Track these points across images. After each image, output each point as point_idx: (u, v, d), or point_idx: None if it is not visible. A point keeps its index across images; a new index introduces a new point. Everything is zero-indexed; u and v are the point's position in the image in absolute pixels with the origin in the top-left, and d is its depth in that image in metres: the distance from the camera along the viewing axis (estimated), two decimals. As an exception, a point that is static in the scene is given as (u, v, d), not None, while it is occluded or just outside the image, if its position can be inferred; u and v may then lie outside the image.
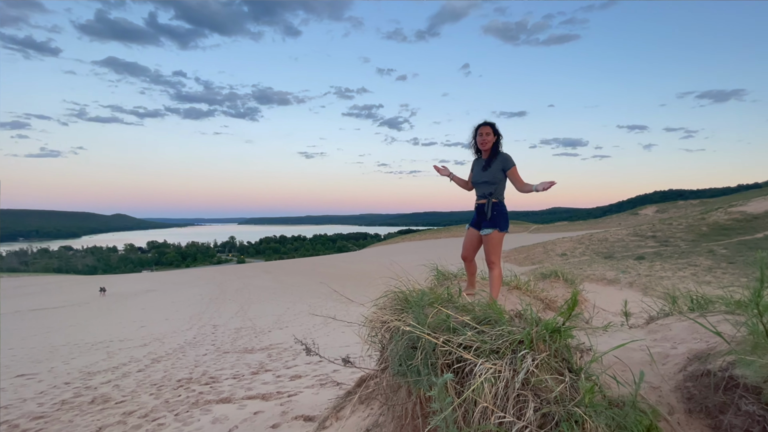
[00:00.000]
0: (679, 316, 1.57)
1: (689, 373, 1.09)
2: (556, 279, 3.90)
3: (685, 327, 1.44)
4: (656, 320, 1.70)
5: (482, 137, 3.09)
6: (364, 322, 1.86)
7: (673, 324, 1.52)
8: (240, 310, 18.69)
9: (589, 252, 35.16)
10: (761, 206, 39.16)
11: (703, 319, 1.33)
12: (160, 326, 14.98)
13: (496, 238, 2.96)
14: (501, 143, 3.15)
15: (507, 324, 1.40)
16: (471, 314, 1.51)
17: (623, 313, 2.07)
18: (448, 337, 1.39)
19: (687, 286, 20.28)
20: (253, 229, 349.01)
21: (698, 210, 52.62)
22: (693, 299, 1.77)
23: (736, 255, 25.10)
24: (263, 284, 31.54)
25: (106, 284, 34.83)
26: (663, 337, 1.43)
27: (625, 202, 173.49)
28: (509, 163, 3.01)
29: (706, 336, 1.26)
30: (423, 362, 1.39)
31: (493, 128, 3.13)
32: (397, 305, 1.83)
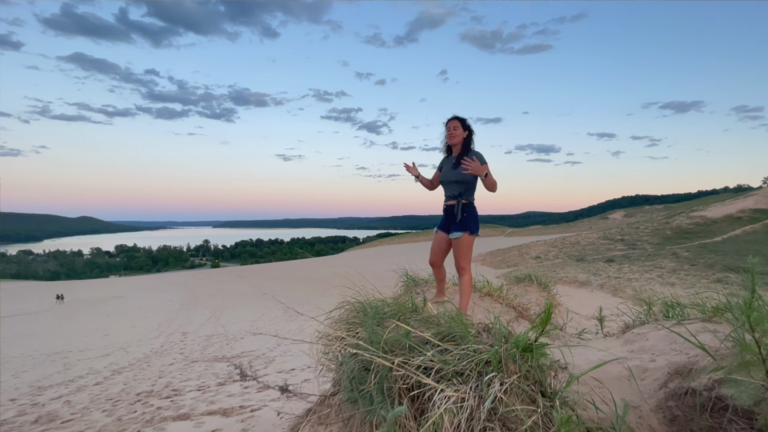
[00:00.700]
0: (656, 325, 1.51)
1: (671, 391, 1.00)
2: (530, 283, 3.87)
3: (663, 337, 1.37)
4: (632, 329, 1.63)
5: (449, 131, 2.91)
6: (316, 338, 1.68)
7: (650, 333, 1.45)
8: (212, 317, 18.07)
9: (562, 255, 36.11)
10: (719, 211, 41.39)
11: (681, 327, 1.26)
12: (125, 334, 14.26)
13: (466, 242, 2.77)
14: (473, 141, 2.95)
15: (473, 341, 1.23)
16: (435, 328, 1.35)
17: (598, 319, 2.02)
18: (406, 359, 1.21)
19: (653, 287, 21.08)
20: (228, 233, 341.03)
21: (663, 215, 55.11)
22: (668, 305, 1.72)
23: (697, 257, 26.34)
24: (237, 289, 30.70)
25: (69, 290, 33.03)
26: (640, 348, 1.36)
27: (595, 206, 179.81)
28: (482, 159, 2.80)
29: (685, 347, 1.19)
30: (377, 387, 1.21)
31: (463, 123, 2.93)
32: (354, 318, 1.66)
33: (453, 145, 2.95)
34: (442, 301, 2.82)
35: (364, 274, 2.74)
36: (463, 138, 2.91)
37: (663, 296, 9.18)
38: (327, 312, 1.83)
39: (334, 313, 1.80)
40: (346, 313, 1.76)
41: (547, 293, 3.65)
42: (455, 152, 2.95)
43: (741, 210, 40.24)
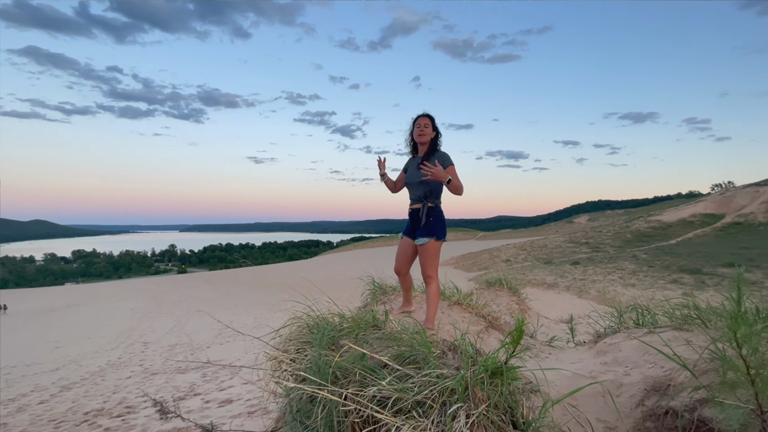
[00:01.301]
0: (628, 334, 1.48)
1: (649, 410, 0.94)
2: (501, 287, 3.86)
3: (636, 347, 1.33)
4: (604, 338, 1.59)
5: (420, 129, 2.73)
6: (263, 361, 1.51)
7: (623, 343, 1.41)
8: (177, 325, 17.26)
9: (530, 258, 37.14)
10: (675, 215, 43.95)
11: (653, 337, 1.23)
12: (79, 346, 13.35)
13: (433, 249, 2.59)
14: (440, 141, 2.79)
15: (436, 363, 1.08)
16: (395, 348, 1.19)
17: (569, 328, 1.97)
18: (358, 389, 1.05)
19: (615, 288, 22.02)
20: (196, 237, 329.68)
21: (623, 219, 57.90)
22: (639, 312, 1.69)
23: (654, 259, 27.78)
24: (205, 295, 29.58)
25: (17, 299, 30.72)
26: (614, 360, 1.31)
27: (561, 211, 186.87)
28: (448, 161, 2.65)
29: (659, 359, 1.15)
30: (325, 422, 1.05)
31: (433, 122, 2.77)
32: (305, 336, 1.48)
33: (421, 144, 2.78)
34: (408, 313, 2.69)
35: (334, 280, 2.60)
36: (431, 138, 2.76)
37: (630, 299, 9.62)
38: (274, 330, 1.65)
39: (285, 329, 1.63)
40: (298, 330, 1.59)
41: (517, 298, 3.66)
42: (421, 152, 2.78)
43: (693, 214, 42.91)
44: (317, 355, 1.20)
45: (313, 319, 1.60)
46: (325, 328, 1.34)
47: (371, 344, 1.27)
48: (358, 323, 1.46)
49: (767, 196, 40.27)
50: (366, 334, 1.39)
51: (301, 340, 1.48)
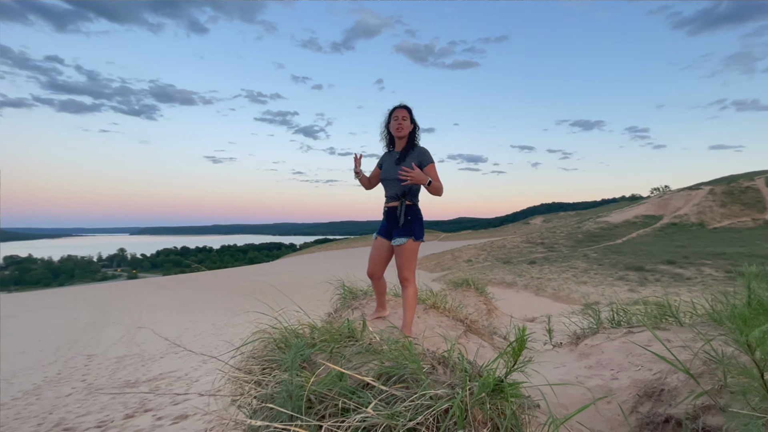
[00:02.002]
0: (607, 335, 1.48)
1: (645, 418, 0.90)
2: (468, 288, 3.90)
3: (618, 348, 1.32)
4: (584, 339, 1.59)
5: (398, 121, 2.52)
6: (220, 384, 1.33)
7: (604, 345, 1.40)
8: (126, 335, 16.11)
9: (490, 258, 38.39)
10: (620, 217, 47.21)
11: (633, 336, 1.23)
12: (11, 362, 12.09)
13: (411, 250, 2.41)
14: (418, 135, 2.59)
15: (426, 380, 0.94)
16: (378, 363, 1.03)
17: (546, 330, 1.97)
18: (337, 421, 0.89)
19: (569, 286, 23.22)
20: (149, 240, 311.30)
21: (575, 220, 61.36)
22: (614, 311, 1.72)
23: (603, 258, 29.66)
24: (158, 302, 27.89)
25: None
26: (598, 363, 1.30)
27: (518, 212, 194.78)
28: (427, 158, 2.46)
29: (646, 361, 1.14)
30: None
31: (411, 113, 2.57)
32: (272, 354, 1.27)
33: (399, 138, 2.56)
34: (385, 315, 2.55)
35: (299, 284, 2.46)
36: (409, 132, 2.55)
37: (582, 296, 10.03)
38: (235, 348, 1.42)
39: (246, 347, 1.41)
40: (264, 346, 1.37)
41: (484, 298, 3.69)
42: (398, 146, 2.58)
43: (636, 216, 46.31)
44: (288, 378, 1.02)
45: (281, 333, 1.42)
46: (295, 345, 1.14)
47: (350, 360, 1.13)
48: (333, 335, 1.29)
49: (698, 199, 44.26)
50: (342, 347, 1.23)
51: (267, 359, 1.29)
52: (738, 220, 38.82)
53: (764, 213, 38.72)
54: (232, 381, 1.23)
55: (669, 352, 0.93)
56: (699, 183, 50.29)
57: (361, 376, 0.97)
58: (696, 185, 49.71)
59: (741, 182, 44.77)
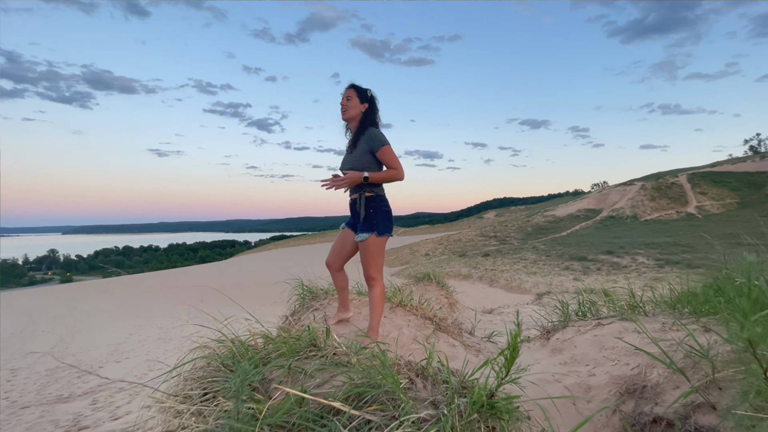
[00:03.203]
0: (578, 327, 1.47)
1: (629, 418, 0.86)
2: (429, 282, 3.89)
3: (590, 342, 1.30)
4: (554, 333, 1.58)
5: (342, 103, 2.26)
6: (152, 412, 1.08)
7: (576, 339, 1.38)
8: (58, 344, 14.69)
9: (447, 252, 39.42)
10: (565, 211, 50.41)
11: (603, 329, 1.22)
12: None
13: (375, 245, 2.15)
14: (377, 117, 2.29)
15: (406, 400, 0.78)
16: (346, 379, 0.86)
17: (516, 324, 1.96)
18: None
19: (521, 277, 24.41)
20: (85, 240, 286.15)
21: (525, 214, 64.62)
22: (580, 303, 1.72)
23: (550, 249, 31.52)
24: (96, 307, 25.73)
25: None
26: (572, 359, 1.27)
27: (472, 207, 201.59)
28: (376, 142, 2.16)
29: (620, 353, 1.12)
30: None
31: (360, 93, 2.26)
32: (216, 375, 1.04)
33: (346, 120, 2.31)
34: (347, 317, 2.32)
35: (253, 284, 2.26)
36: (361, 112, 2.26)
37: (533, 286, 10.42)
38: (170, 369, 1.17)
39: (184, 368, 1.15)
40: (206, 366, 1.12)
41: (445, 291, 3.70)
42: (352, 131, 2.33)
43: (579, 210, 49.65)
44: (235, 406, 0.83)
45: (227, 348, 1.18)
46: (242, 366, 0.90)
47: (312, 376, 0.95)
48: (291, 346, 1.08)
49: (632, 193, 48.29)
50: (303, 360, 1.03)
51: (209, 380, 1.05)
52: (665, 213, 42.86)
53: (686, 206, 43.03)
54: (164, 411, 1.00)
55: (656, 345, 0.90)
56: (632, 179, 54.97)
57: (326, 400, 0.81)
58: (630, 181, 54.29)
59: (667, 179, 49.44)
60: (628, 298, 1.41)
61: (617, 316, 1.40)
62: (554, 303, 2.44)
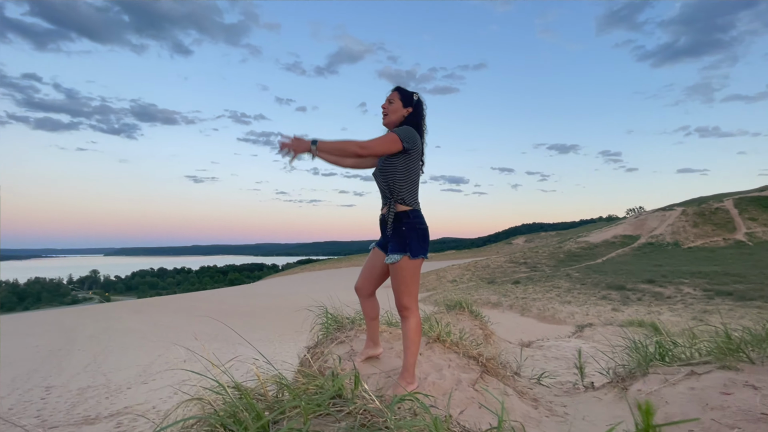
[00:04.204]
0: (663, 376, 1.18)
1: None
2: (462, 311, 3.61)
3: (687, 398, 0.97)
4: (631, 382, 1.28)
5: (383, 104, 2.01)
6: None
7: (665, 392, 1.10)
8: (92, 363, 15.05)
9: (475, 278, 38.33)
10: (599, 237, 48.22)
11: (699, 380, 0.93)
12: (-42, 397, 11.02)
13: (408, 269, 1.83)
14: (423, 125, 2.00)
15: None
16: None
17: (578, 368, 1.67)
18: None
19: (554, 306, 23.25)
20: (124, 261, 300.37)
21: (556, 240, 62.42)
22: (658, 344, 1.40)
23: (585, 277, 30.00)
24: (130, 327, 26.46)
25: None
26: (666, 419, 0.96)
27: (500, 232, 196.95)
28: (397, 130, 1.89)
29: (737, 417, 0.83)
30: None
31: (404, 96, 1.99)
32: None
33: (386, 125, 2.02)
34: (376, 354, 2.00)
35: (278, 308, 2.12)
36: (403, 116, 1.98)
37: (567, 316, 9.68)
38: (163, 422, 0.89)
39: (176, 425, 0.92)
40: (196, 425, 0.89)
41: (479, 322, 3.42)
42: None
43: (614, 236, 47.42)
44: None
45: (226, 403, 0.92)
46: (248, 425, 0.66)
47: None
48: (310, 397, 0.85)
49: (672, 219, 45.75)
50: (324, 418, 0.80)
51: None
52: (710, 240, 40.14)
53: (734, 233, 40.20)
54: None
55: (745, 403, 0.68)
56: (671, 204, 52.24)
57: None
58: (669, 206, 51.61)
59: (711, 203, 46.62)
60: (716, 337, 1.14)
61: (713, 362, 1.12)
62: (601, 335, 2.15)
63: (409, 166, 1.91)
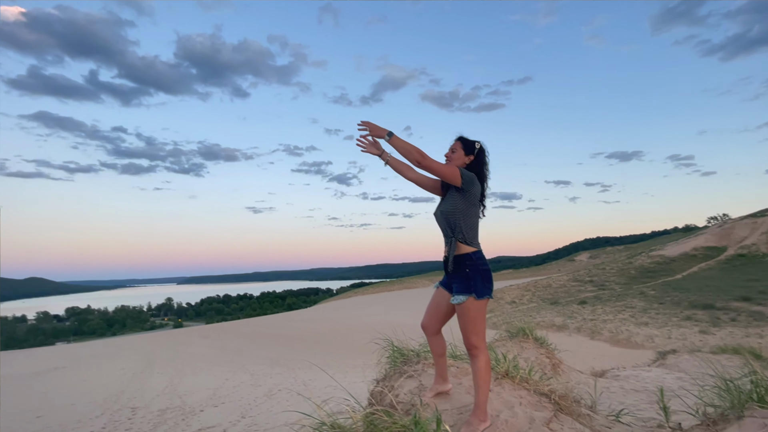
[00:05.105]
0: (761, 419, 1.03)
1: None
2: (525, 338, 3.42)
3: None
4: (723, 426, 1.14)
5: (446, 154, 2.14)
6: None
7: None
8: (169, 386, 16.21)
9: (535, 299, 36.16)
10: (676, 250, 43.47)
11: None
12: (61, 414, 12.36)
13: (474, 310, 1.87)
14: (486, 171, 2.14)
15: None
16: None
17: (661, 407, 1.52)
18: None
19: (628, 328, 21.19)
20: (193, 289, 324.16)
21: (624, 255, 57.37)
22: (754, 382, 1.22)
23: (663, 295, 27.09)
24: (200, 351, 28.24)
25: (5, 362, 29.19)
26: None
27: (561, 249, 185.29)
28: (460, 168, 2.01)
29: None
30: None
31: (466, 145, 2.12)
32: None
33: None
34: (446, 390, 2.02)
35: (337, 333, 2.20)
36: (464, 164, 2.10)
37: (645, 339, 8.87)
38: None
39: None
40: None
41: (545, 350, 3.22)
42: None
43: (694, 248, 42.55)
44: None
45: None
46: None
47: None
48: None
49: (767, 226, 40.20)
50: None
51: None
52: (818, 249, 34.74)
53: None
54: None
55: None
56: (763, 210, 46.04)
57: None
58: (761, 212, 45.52)
59: (814, 206, 40.48)
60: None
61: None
62: (688, 364, 1.94)
63: (468, 207, 2.01)
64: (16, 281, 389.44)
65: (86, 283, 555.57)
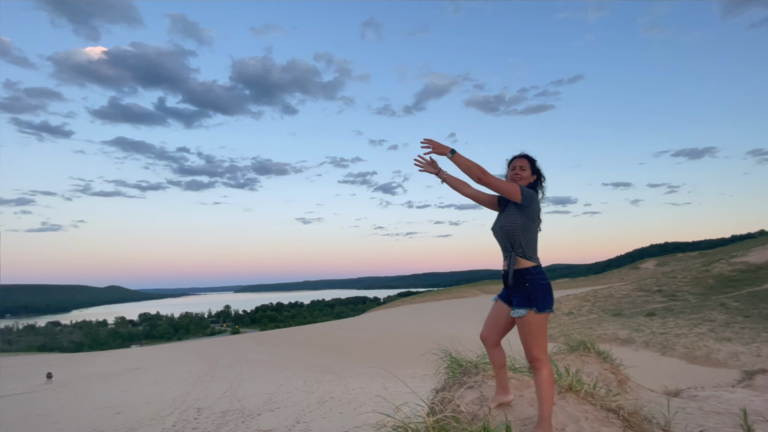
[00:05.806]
0: None
1: None
2: (587, 352, 3.22)
3: None
4: None
5: (514, 171, 2.17)
6: None
7: None
8: (229, 389, 17.14)
9: (596, 310, 33.76)
10: (762, 256, 38.55)
11: None
12: (138, 412, 13.53)
13: (536, 323, 1.91)
14: (543, 187, 2.23)
15: None
16: None
17: (745, 430, 1.39)
18: None
19: (707, 343, 19.12)
20: (249, 297, 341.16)
21: (699, 262, 51.93)
22: None
23: (750, 308, 24.13)
24: (256, 357, 29.58)
25: (90, 362, 32.53)
26: None
27: (623, 256, 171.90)
28: (521, 186, 2.08)
29: None
30: None
31: (532, 163, 2.20)
32: None
33: None
34: (508, 402, 2.02)
35: (389, 342, 2.24)
36: (529, 183, 2.18)
37: (728, 356, 8.11)
38: None
39: None
40: None
41: (610, 365, 3.01)
42: None
43: (786, 253, 37.57)
44: None
45: None
46: None
47: None
48: None
49: None
50: None
51: None
52: None
53: None
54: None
55: None
56: None
57: None
58: None
59: None
60: None
61: None
62: None
63: (527, 223, 2.05)
64: (98, 289, 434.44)
65: (155, 291, 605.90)
